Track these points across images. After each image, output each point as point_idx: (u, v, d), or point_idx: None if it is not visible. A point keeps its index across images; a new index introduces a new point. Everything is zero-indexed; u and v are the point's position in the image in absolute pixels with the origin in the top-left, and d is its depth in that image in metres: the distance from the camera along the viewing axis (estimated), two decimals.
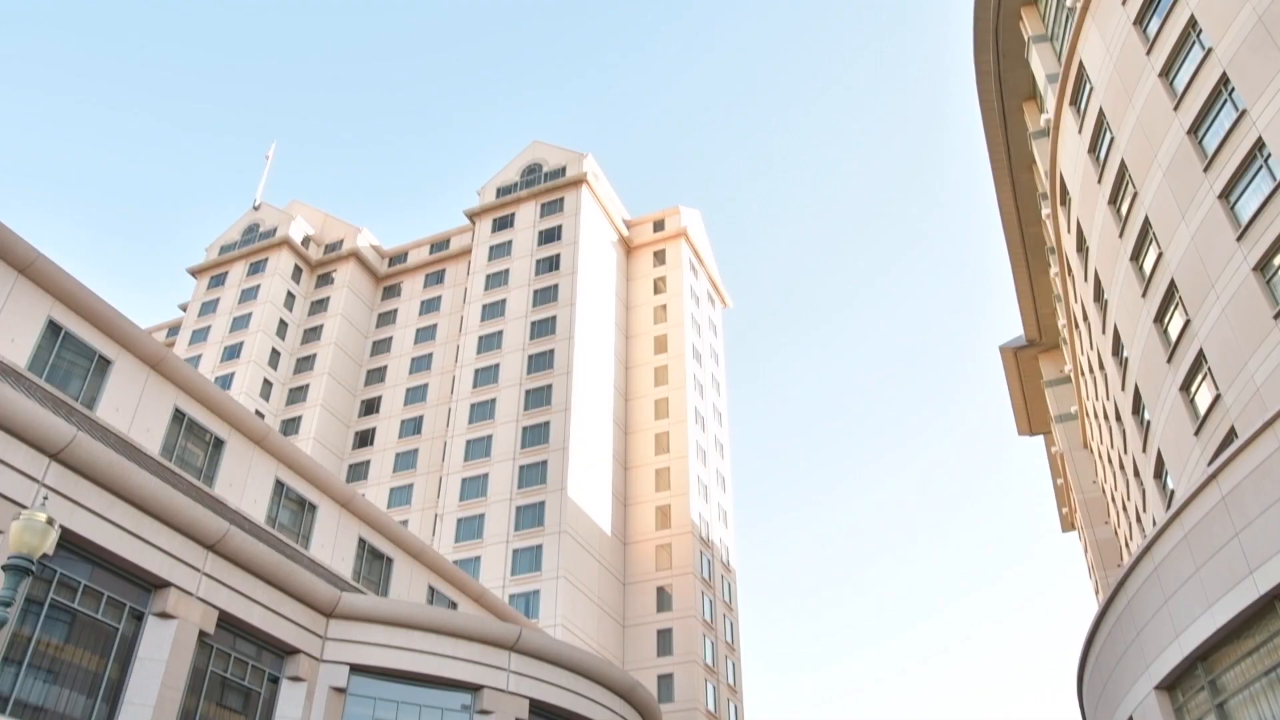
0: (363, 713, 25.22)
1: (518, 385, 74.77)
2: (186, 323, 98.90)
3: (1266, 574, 18.93)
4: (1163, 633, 22.85)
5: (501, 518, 66.21)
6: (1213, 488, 20.89)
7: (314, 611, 25.07)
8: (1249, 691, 20.47)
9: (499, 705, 26.32)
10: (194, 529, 21.70)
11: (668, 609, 67.03)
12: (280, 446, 30.69)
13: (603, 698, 29.43)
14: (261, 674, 23.84)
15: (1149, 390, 35.03)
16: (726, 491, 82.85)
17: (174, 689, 20.77)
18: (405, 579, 35.49)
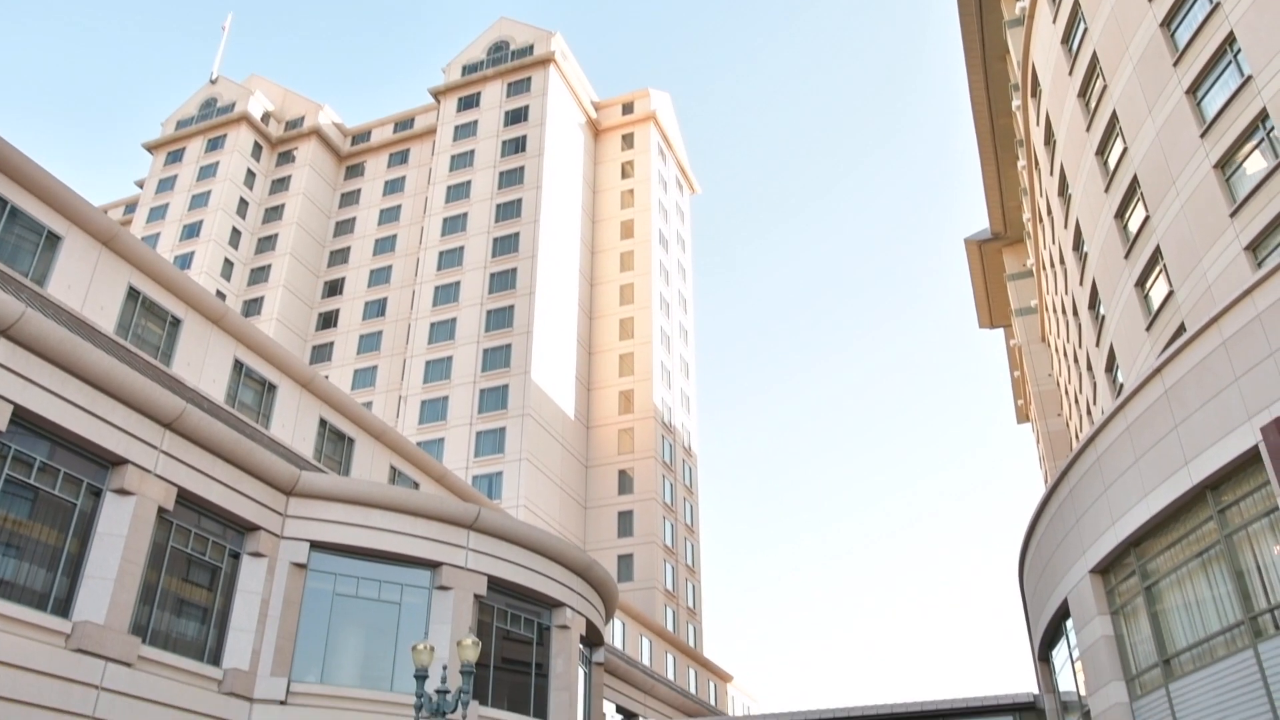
0: (323, 587, 25.76)
1: (482, 268, 74.29)
2: (144, 200, 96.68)
3: (1201, 465, 19.59)
4: (1100, 520, 23.69)
5: (465, 400, 66.61)
6: (1156, 381, 21.41)
7: (274, 489, 25.32)
8: (1175, 576, 21.40)
9: (458, 581, 26.95)
10: (150, 407, 21.68)
11: (629, 492, 68.34)
12: (239, 326, 30.49)
13: (560, 575, 30.20)
14: (222, 549, 24.19)
15: (1105, 285, 35.48)
16: (690, 378, 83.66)
17: (134, 563, 21.05)
18: (367, 459, 35.83)
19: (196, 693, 22.21)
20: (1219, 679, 19.51)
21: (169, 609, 22.66)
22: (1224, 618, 19.71)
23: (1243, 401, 18.52)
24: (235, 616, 24.00)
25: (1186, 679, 20.72)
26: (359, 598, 26.04)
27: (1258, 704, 18.29)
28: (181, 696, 21.69)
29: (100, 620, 20.03)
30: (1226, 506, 19.62)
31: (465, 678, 14.92)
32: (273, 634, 24.35)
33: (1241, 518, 19.26)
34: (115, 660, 20.15)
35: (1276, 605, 18.37)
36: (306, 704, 24.15)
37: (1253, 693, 18.43)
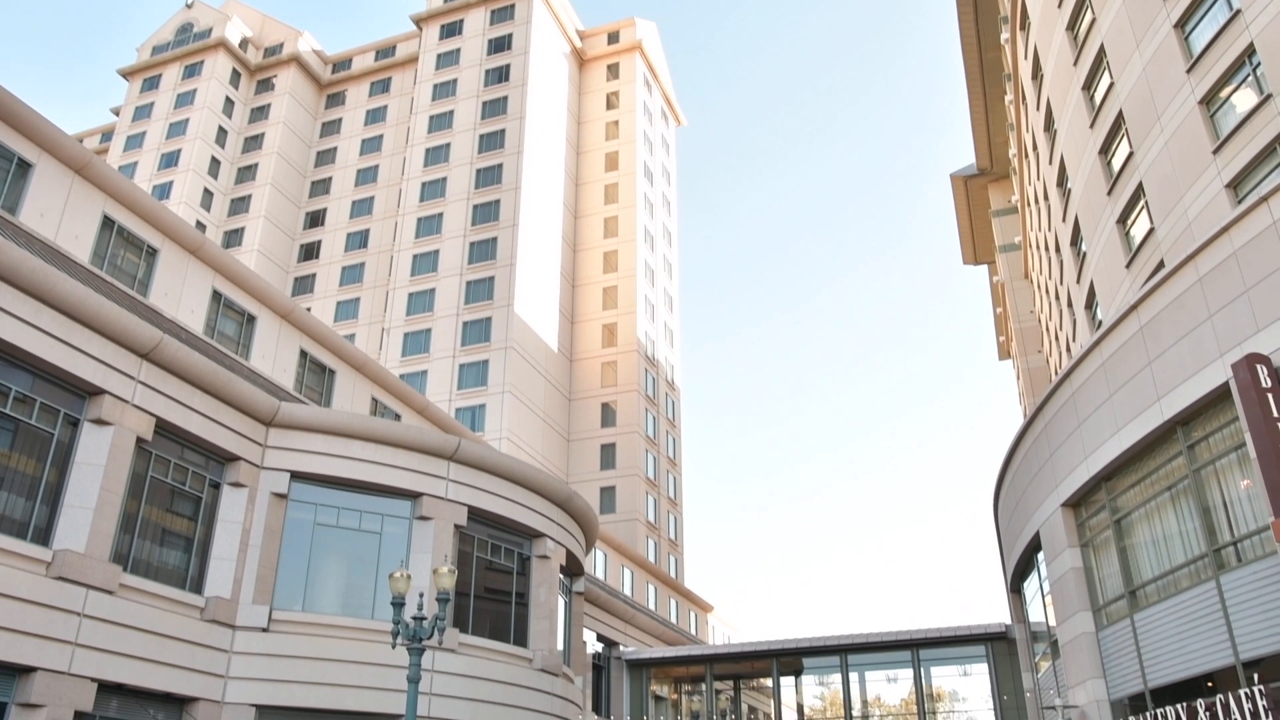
0: (304, 517, 25.93)
1: (465, 200, 73.63)
2: (120, 128, 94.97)
3: (1172, 401, 19.82)
4: (1073, 454, 24.02)
5: (448, 333, 66.49)
6: (1132, 318, 21.55)
7: (253, 420, 25.34)
8: (1144, 510, 21.78)
9: (438, 512, 27.17)
10: (127, 337, 21.56)
11: (612, 424, 68.67)
12: (216, 256, 30.22)
13: (540, 506, 30.48)
14: (203, 480, 24.27)
15: (1088, 222, 35.48)
16: (673, 311, 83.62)
17: (114, 492, 21.11)
18: (348, 391, 35.84)
19: (179, 620, 22.45)
20: (1181, 609, 19.98)
21: (150, 538, 22.79)
22: (1189, 550, 20.13)
23: (1215, 338, 18.69)
24: (217, 546, 24.17)
25: (1151, 609, 21.22)
26: (340, 527, 26.24)
27: (1217, 633, 18.76)
28: (164, 624, 21.92)
29: (81, 549, 20.15)
30: (1196, 442, 19.90)
31: (441, 605, 15.12)
32: (254, 563, 24.55)
33: (1210, 453, 19.56)
34: (97, 588, 20.30)
35: (1240, 538, 18.75)
36: (289, 631, 24.45)
37: (1213, 622, 18.89)
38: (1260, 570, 17.81)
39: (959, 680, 42.63)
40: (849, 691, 42.00)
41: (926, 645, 41.17)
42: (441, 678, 25.98)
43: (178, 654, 22.15)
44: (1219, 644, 18.75)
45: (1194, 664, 19.66)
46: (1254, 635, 17.90)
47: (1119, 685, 22.73)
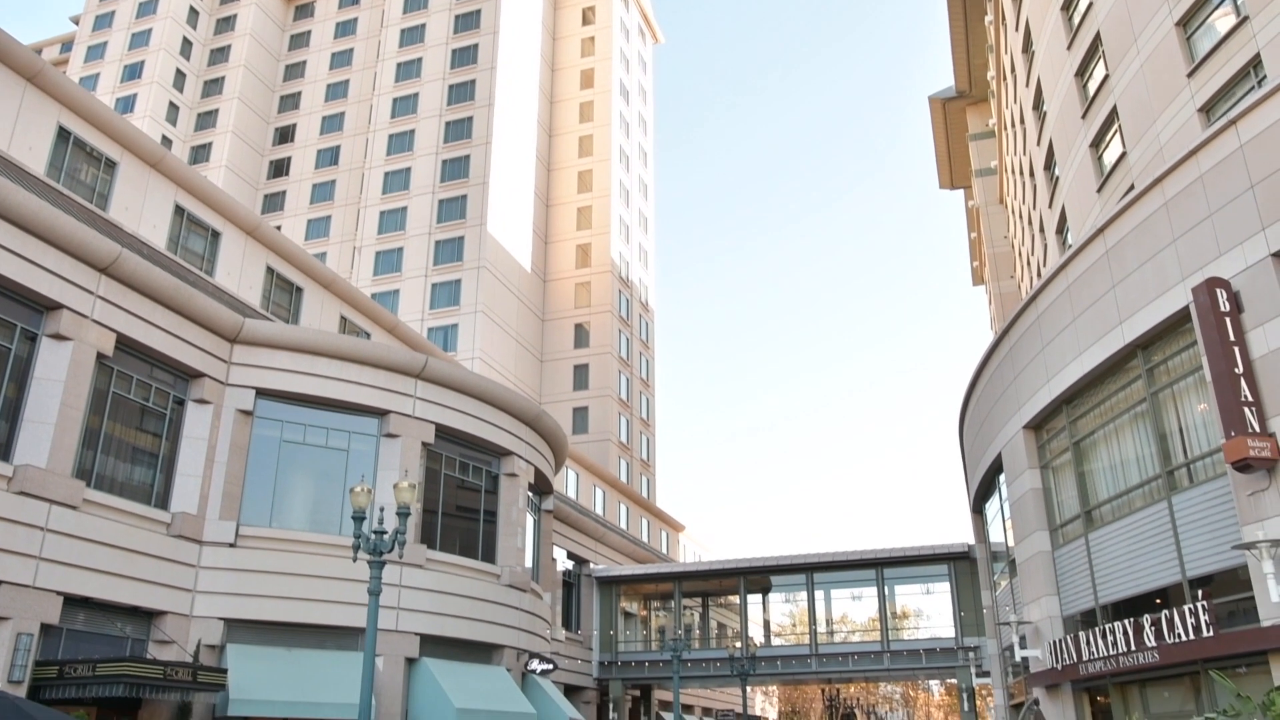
0: (270, 434, 25.90)
1: (437, 116, 72.27)
2: (80, 37, 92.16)
3: (1134, 324, 19.98)
4: (1036, 377, 24.26)
5: (420, 251, 65.85)
6: (1098, 241, 21.59)
7: (217, 336, 25.11)
8: (1102, 433, 22.11)
9: (406, 429, 27.20)
10: (84, 251, 21.18)
11: (585, 345, 68.63)
12: (178, 170, 29.59)
13: (509, 424, 30.56)
14: (167, 396, 24.12)
15: (1062, 146, 35.31)
16: (648, 233, 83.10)
17: (75, 408, 20.95)
18: (316, 309, 35.52)
19: (145, 535, 22.50)
20: (1134, 529, 20.41)
21: (114, 454, 22.71)
22: (1144, 472, 20.49)
23: (1179, 262, 18.77)
24: (182, 462, 24.14)
25: (1105, 529, 21.67)
26: (307, 444, 26.24)
27: (1166, 552, 19.20)
28: (130, 539, 21.97)
29: (42, 464, 20.05)
30: (1155, 365, 20.13)
31: (402, 519, 15.22)
32: (220, 479, 24.56)
33: (1168, 376, 19.79)
34: (59, 503, 20.26)
35: (1193, 460, 19.09)
36: (256, 547, 24.58)
37: (1163, 541, 19.32)
38: (1210, 491, 18.17)
39: (922, 598, 43.69)
40: (814, 609, 42.93)
41: (891, 564, 42.04)
42: (410, 592, 26.29)
43: (144, 568, 22.25)
44: (1168, 562, 19.20)
45: (1144, 581, 20.16)
46: (1201, 554, 18.34)
47: (1072, 602, 23.31)
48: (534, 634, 30.87)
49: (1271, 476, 16.19)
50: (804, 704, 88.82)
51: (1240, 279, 17.28)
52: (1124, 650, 19.35)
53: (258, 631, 24.22)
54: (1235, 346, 16.90)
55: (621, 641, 44.49)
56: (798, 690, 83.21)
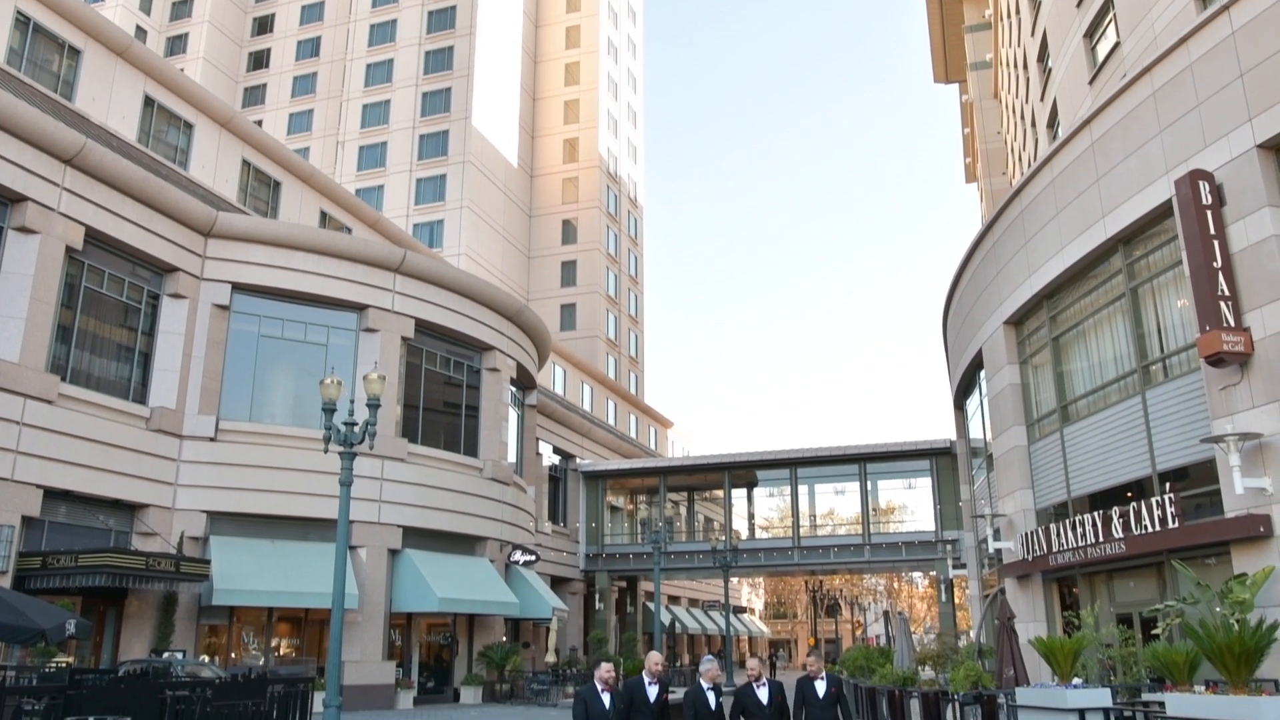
0: (248, 329, 25.77)
1: (420, 6, 70.10)
2: None
3: (1117, 218, 19.74)
4: (1018, 272, 24.09)
5: (404, 146, 64.64)
6: (1084, 133, 21.19)
7: (190, 230, 24.76)
8: (1081, 328, 22.07)
9: (385, 324, 27.09)
10: (47, 141, 20.69)
11: (573, 241, 68.01)
12: (146, 59, 28.74)
13: (489, 319, 30.46)
14: (141, 291, 23.89)
15: (1055, 36, 34.41)
16: (637, 127, 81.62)
17: (46, 302, 20.75)
18: (295, 203, 35.00)
19: (124, 429, 22.55)
20: (1108, 423, 20.53)
21: (89, 349, 22.59)
22: (1121, 367, 20.50)
23: (1163, 154, 18.43)
24: (159, 357, 24.06)
25: (1080, 424, 21.80)
26: (285, 339, 26.14)
27: (1138, 446, 19.35)
28: (109, 433, 22.02)
29: (14, 358, 19.94)
30: (1136, 260, 19.96)
31: (372, 411, 15.19)
32: (198, 374, 24.54)
33: (1149, 271, 19.64)
34: (34, 397, 20.22)
35: (1168, 355, 19.08)
36: (236, 440, 24.70)
37: (1135, 436, 19.45)
38: (1183, 385, 18.20)
39: (904, 493, 44.32)
40: (797, 503, 43.54)
41: (874, 459, 42.49)
42: (392, 486, 26.54)
43: (124, 462, 22.36)
44: (1139, 456, 19.36)
45: (1115, 475, 20.36)
46: (1171, 448, 18.47)
47: (1045, 495, 23.60)
48: (517, 526, 31.32)
49: (1244, 371, 16.18)
50: (790, 596, 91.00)
51: (1224, 171, 16.98)
52: (1092, 542, 19.63)
53: (240, 524, 24.50)
54: (1215, 240, 16.69)
55: (607, 535, 45.20)
56: (783, 583, 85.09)
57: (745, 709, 9.10)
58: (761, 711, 9.01)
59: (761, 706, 9.03)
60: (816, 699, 9.46)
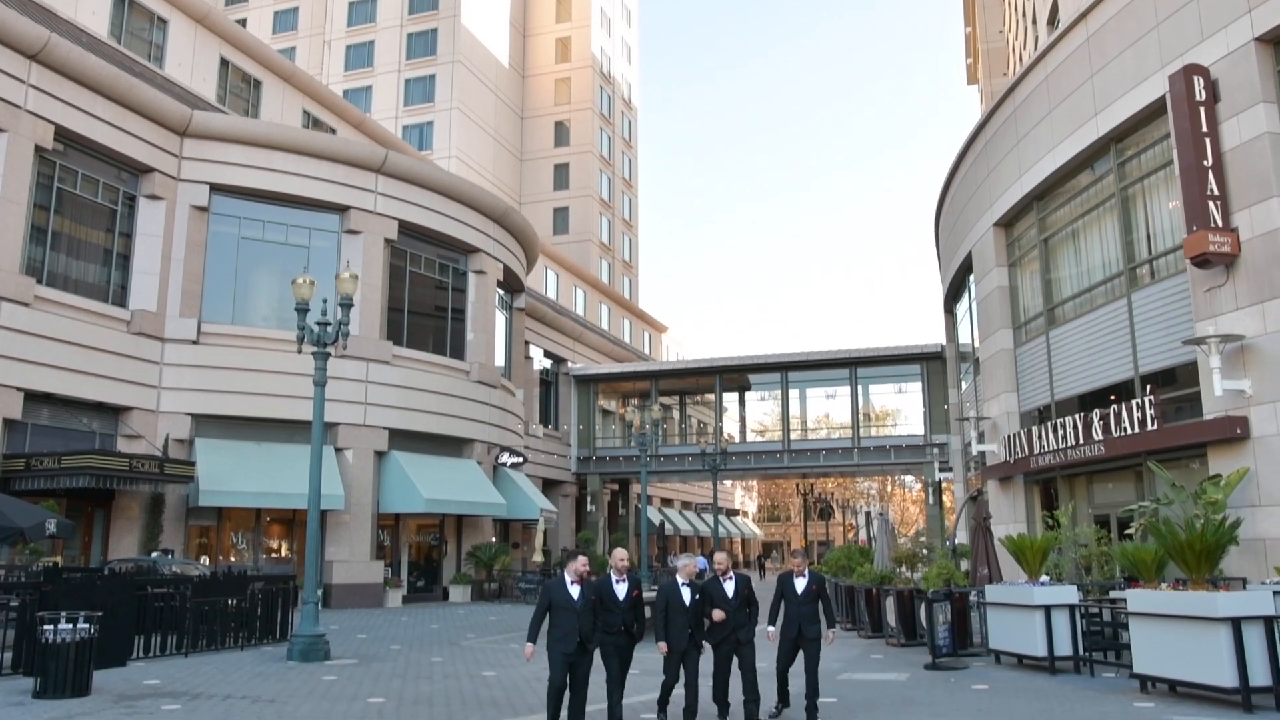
0: (228, 231, 25.42)
1: None
2: None
3: (1109, 116, 19.30)
4: (1009, 173, 23.68)
5: (392, 45, 63.03)
6: (1080, 28, 20.59)
7: (165, 130, 24.21)
8: (1070, 230, 21.79)
9: (367, 225, 26.72)
10: (10, 36, 20.05)
11: (565, 144, 66.84)
12: None
13: (475, 221, 30.04)
14: (116, 192, 23.47)
15: None
16: (631, 25, 79.55)
17: (16, 203, 20.38)
18: (277, 103, 34.24)
19: (104, 332, 22.39)
20: (1093, 326, 20.40)
21: (66, 251, 22.30)
22: (1108, 269, 20.28)
23: (1159, 49, 17.90)
24: (138, 259, 23.76)
25: (1065, 326, 21.68)
26: (266, 241, 25.80)
27: (1122, 348, 19.26)
28: (89, 336, 21.85)
29: None
30: (1127, 159, 19.58)
31: (345, 310, 15.01)
32: (179, 276, 24.28)
33: (1140, 170, 19.28)
34: (10, 300, 20.00)
35: (1156, 257, 18.84)
36: (218, 343, 24.57)
37: (1119, 338, 19.34)
38: (1169, 287, 18.02)
39: (895, 397, 44.42)
40: (788, 407, 43.67)
41: (865, 364, 42.46)
42: (377, 388, 26.51)
43: (106, 365, 22.25)
44: (1123, 359, 19.28)
45: (1098, 378, 20.32)
46: (1154, 350, 18.37)
47: (1029, 399, 23.61)
48: (505, 429, 31.42)
49: (1229, 273, 15.98)
50: (783, 500, 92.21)
51: (1220, 65, 16.50)
52: (1073, 444, 19.69)
53: (226, 426, 24.53)
54: (1207, 138, 16.32)
55: (599, 438, 45.45)
56: (776, 487, 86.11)
57: (711, 601, 9.10)
58: (726, 603, 9.03)
59: (726, 599, 9.06)
60: (796, 595, 9.59)
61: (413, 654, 15.32)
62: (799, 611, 9.55)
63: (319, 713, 9.77)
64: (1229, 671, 9.20)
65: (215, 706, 10.09)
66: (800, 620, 9.53)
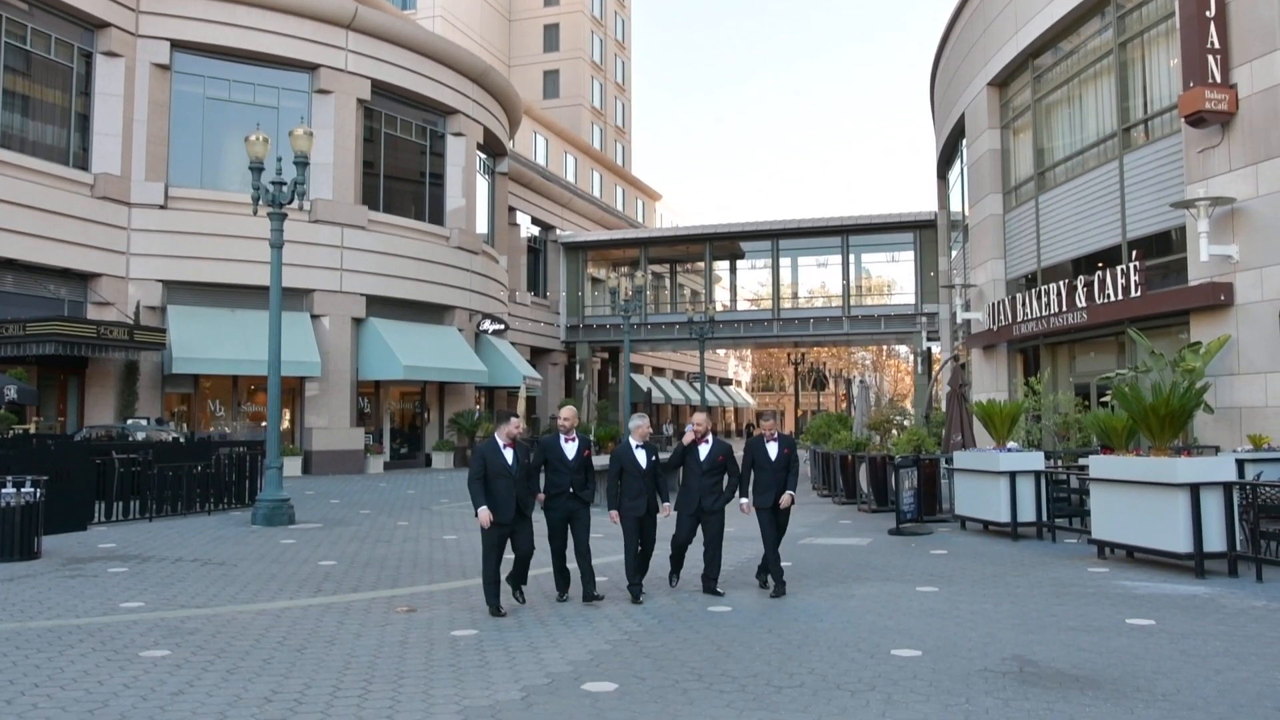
0: (192, 90, 24.49)
1: None
2: None
3: None
4: (1004, 30, 22.65)
5: None
6: None
7: None
8: (1065, 89, 20.94)
9: (339, 85, 25.74)
10: None
11: (555, 3, 64.16)
12: None
13: (452, 81, 28.97)
14: (71, 49, 22.49)
15: None
16: None
17: None
18: None
19: (67, 196, 21.77)
20: (1084, 189, 19.80)
21: (19, 112, 21.50)
22: (1102, 131, 19.54)
23: None
24: (98, 121, 22.93)
25: (1056, 190, 21.06)
26: (233, 101, 24.88)
27: (1110, 213, 18.71)
28: (50, 200, 21.24)
29: None
30: (1126, 12, 18.62)
31: (300, 169, 14.40)
32: (142, 138, 23.48)
33: (1139, 25, 18.35)
34: None
35: (1151, 116, 18.11)
36: (188, 208, 23.95)
37: (1109, 202, 18.78)
38: (1162, 149, 17.35)
39: (887, 267, 43.89)
40: (779, 275, 43.14)
41: (857, 231, 41.74)
42: (353, 254, 26.00)
43: (70, 230, 21.71)
44: (1111, 224, 18.75)
45: (1086, 244, 19.82)
46: (1143, 215, 17.83)
47: (1016, 265, 23.16)
48: (487, 295, 31.02)
49: (1225, 132, 15.31)
50: (777, 370, 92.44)
51: None
52: (1056, 311, 19.33)
53: (199, 293, 24.14)
54: None
55: (588, 307, 45.10)
56: (770, 356, 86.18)
57: (686, 466, 8.63)
58: (699, 467, 8.53)
59: (699, 462, 8.54)
60: (768, 461, 8.75)
61: (380, 518, 15.30)
62: (771, 480, 8.72)
63: (264, 575, 9.68)
64: (1184, 537, 9.05)
65: (162, 569, 10.00)
66: (775, 488, 8.72)
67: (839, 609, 7.86)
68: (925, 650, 6.26)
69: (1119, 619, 7.26)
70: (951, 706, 4.97)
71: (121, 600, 8.28)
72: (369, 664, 6.06)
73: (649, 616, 7.62)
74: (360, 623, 7.41)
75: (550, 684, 5.53)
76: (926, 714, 4.85)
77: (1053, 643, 6.47)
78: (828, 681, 5.50)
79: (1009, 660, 5.97)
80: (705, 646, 6.49)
